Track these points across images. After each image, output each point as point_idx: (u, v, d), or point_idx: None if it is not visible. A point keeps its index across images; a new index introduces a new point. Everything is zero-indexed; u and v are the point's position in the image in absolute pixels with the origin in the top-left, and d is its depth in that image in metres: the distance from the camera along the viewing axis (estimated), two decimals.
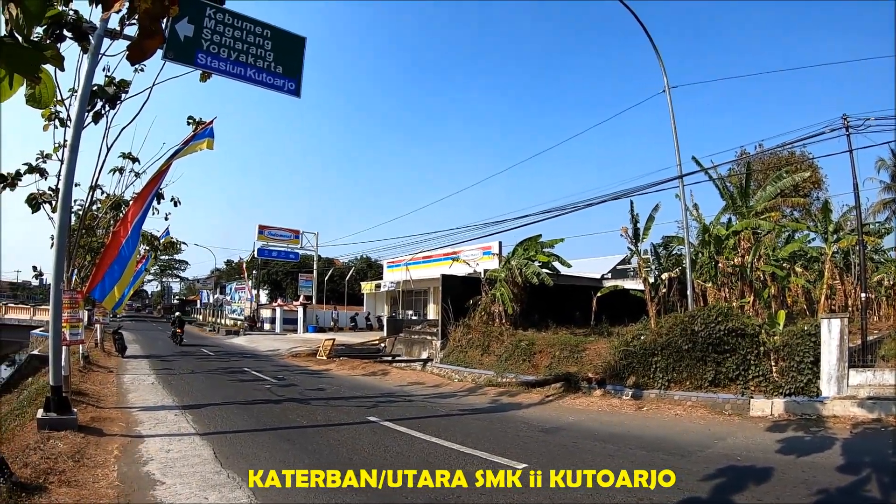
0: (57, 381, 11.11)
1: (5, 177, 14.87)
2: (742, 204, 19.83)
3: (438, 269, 36.20)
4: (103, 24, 11.61)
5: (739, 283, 18.11)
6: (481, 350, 21.71)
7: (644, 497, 7.01)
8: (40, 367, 23.82)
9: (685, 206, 19.47)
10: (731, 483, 7.59)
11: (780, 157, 36.03)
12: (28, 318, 57.42)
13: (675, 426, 11.64)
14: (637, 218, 20.19)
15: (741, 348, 13.54)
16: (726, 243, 18.85)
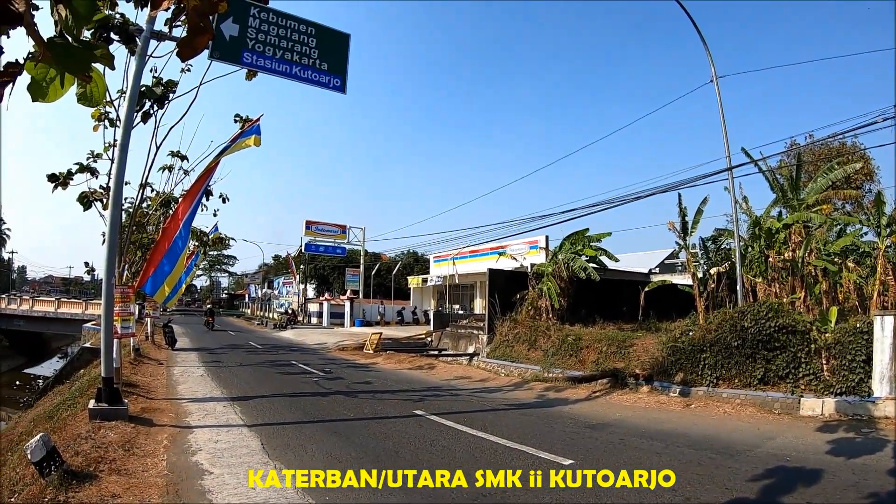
0: (108, 373, 11.34)
1: (57, 176, 15.18)
2: (793, 196, 19.43)
3: (485, 264, 36.18)
4: (149, 26, 11.85)
5: (790, 278, 17.78)
6: (528, 345, 21.65)
7: (692, 497, 6.97)
8: (92, 359, 24.24)
9: (735, 199, 19.17)
10: (780, 484, 7.48)
11: (831, 148, 35.24)
12: (80, 312, 58.46)
13: (723, 425, 11.46)
14: (685, 211, 19.97)
15: (791, 346, 13.30)
16: (777, 237, 18.50)
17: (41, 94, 2.26)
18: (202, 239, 28.69)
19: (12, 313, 60.21)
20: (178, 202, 19.52)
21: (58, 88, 2.27)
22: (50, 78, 2.22)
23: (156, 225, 23.45)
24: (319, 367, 22.24)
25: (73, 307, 61.55)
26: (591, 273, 23.14)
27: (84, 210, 15.85)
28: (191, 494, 7.27)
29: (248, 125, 16.51)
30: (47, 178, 15.31)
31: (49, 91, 2.26)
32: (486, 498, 7.00)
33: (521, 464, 8.42)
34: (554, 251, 26.47)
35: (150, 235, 23.17)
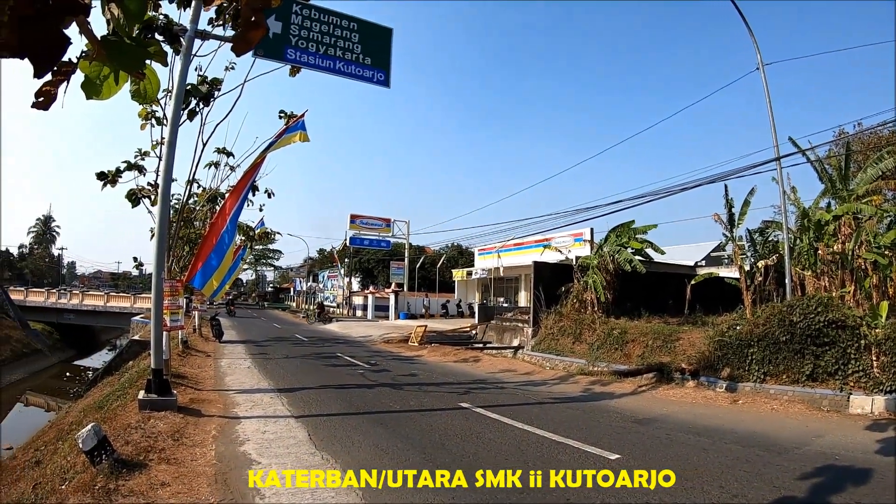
0: (158, 365, 11.57)
1: (106, 174, 15.47)
2: (842, 187, 19.02)
3: (530, 257, 36.08)
4: (193, 25, 12.02)
5: (839, 271, 17.44)
6: (573, 338, 21.53)
7: (739, 494, 6.90)
8: (140, 351, 24.69)
9: (783, 190, 18.81)
10: (828, 483, 7.37)
11: (881, 137, 34.37)
12: (129, 305, 59.63)
13: (771, 421, 11.31)
14: (731, 203, 19.69)
15: (841, 341, 13.04)
16: (826, 229, 18.16)
17: (95, 91, 2.30)
18: (248, 233, 29.06)
19: (63, 307, 61.45)
20: (224, 198, 19.78)
21: (112, 86, 2.30)
22: (103, 76, 2.26)
23: (203, 220, 23.81)
24: (365, 360, 22.40)
25: (121, 301, 62.73)
26: (637, 265, 22.94)
27: (132, 207, 16.17)
28: (238, 484, 7.39)
29: (292, 121, 16.67)
30: (96, 177, 15.67)
31: (103, 89, 2.30)
32: (533, 494, 7.00)
33: (567, 458, 8.42)
34: (599, 243, 26.24)
35: (197, 231, 23.56)
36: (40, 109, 2.23)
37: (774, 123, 18.88)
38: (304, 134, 16.33)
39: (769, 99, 18.97)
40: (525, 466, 7.95)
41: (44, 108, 2.21)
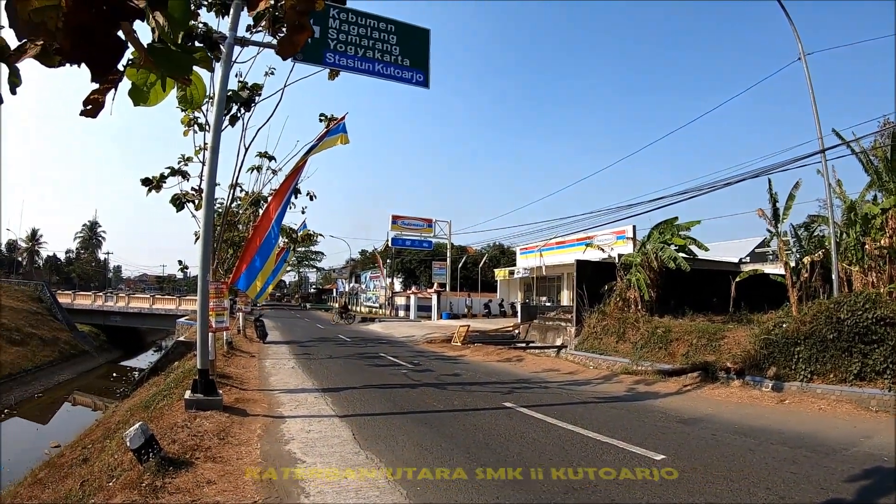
0: (204, 365, 11.74)
1: (151, 180, 15.72)
2: (889, 179, 18.61)
3: (572, 255, 36.04)
4: (232, 32, 12.24)
5: (888, 266, 17.13)
6: (616, 337, 21.39)
7: (786, 496, 6.82)
8: (185, 352, 24.99)
9: (828, 183, 18.45)
10: (877, 486, 7.25)
11: None
12: (174, 307, 60.57)
13: (818, 422, 11.12)
14: (776, 197, 19.36)
15: (890, 339, 12.76)
16: (873, 223, 17.83)
17: (142, 98, 2.33)
18: (291, 235, 29.33)
19: (109, 310, 62.67)
20: (266, 201, 19.97)
21: (159, 92, 2.34)
22: (150, 83, 2.29)
23: (246, 223, 24.04)
24: (408, 360, 22.42)
25: (166, 303, 63.77)
26: (681, 263, 22.67)
27: (177, 211, 16.42)
28: (284, 482, 7.44)
29: (333, 124, 16.79)
30: (142, 183, 15.94)
31: (150, 95, 2.33)
32: (577, 491, 6.98)
33: (611, 458, 8.38)
34: (642, 241, 25.99)
35: (240, 234, 23.77)
36: (88, 117, 2.27)
37: (818, 114, 18.59)
38: (345, 136, 16.48)
39: (812, 89, 18.68)
40: (570, 466, 7.94)
41: (92, 116, 2.25)
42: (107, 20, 1.57)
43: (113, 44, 1.63)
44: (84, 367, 43.89)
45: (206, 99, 14.69)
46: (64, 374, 39.96)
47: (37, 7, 1.55)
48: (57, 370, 39.87)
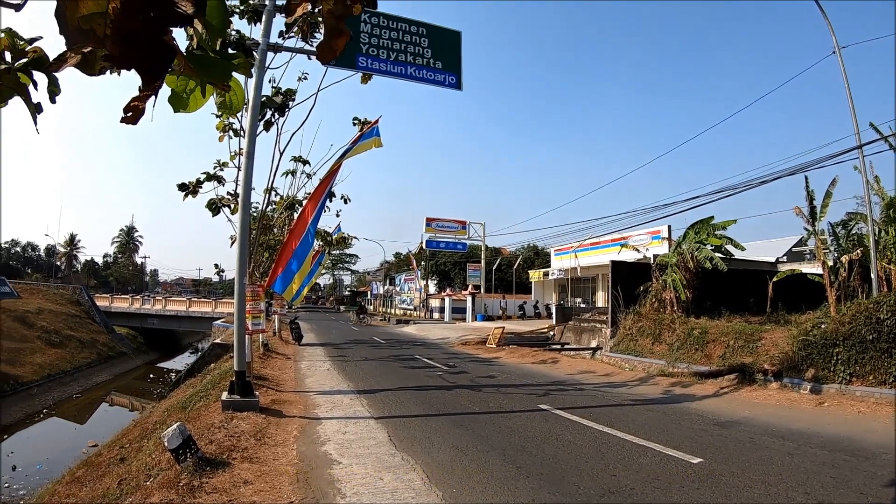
0: (241, 367, 11.87)
1: (187, 185, 15.92)
2: None
3: (607, 256, 35.91)
4: (265, 39, 12.40)
5: None
6: (652, 338, 21.26)
7: (825, 501, 6.73)
8: (222, 353, 25.24)
9: (866, 180, 18.19)
10: None
11: None
12: (210, 310, 61.28)
13: (857, 425, 10.91)
14: (812, 195, 19.05)
15: None
16: None
17: (182, 105, 2.37)
18: (327, 238, 29.54)
19: (147, 312, 63.61)
20: (301, 205, 20.14)
21: (198, 99, 2.37)
22: (189, 90, 2.32)
23: (281, 227, 24.24)
24: (443, 362, 22.46)
25: (203, 306, 64.51)
26: (718, 263, 22.42)
27: (213, 216, 16.62)
28: (320, 483, 7.50)
29: (366, 127, 16.93)
30: (178, 188, 16.17)
31: (189, 102, 2.37)
32: (614, 494, 6.95)
33: (648, 461, 8.34)
34: (678, 241, 25.76)
35: (276, 237, 23.98)
36: (129, 124, 2.30)
37: (854, 109, 18.34)
38: (379, 140, 16.60)
39: (847, 83, 18.43)
40: (606, 469, 7.92)
41: (132, 123, 2.28)
42: (154, 26, 1.60)
43: (162, 50, 1.66)
44: (121, 369, 44.45)
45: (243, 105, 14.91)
46: (101, 376, 40.48)
47: (85, 14, 1.57)
48: (95, 371, 40.40)
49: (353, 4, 2.11)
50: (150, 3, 1.57)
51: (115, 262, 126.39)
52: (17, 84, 2.26)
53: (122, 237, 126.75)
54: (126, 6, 1.55)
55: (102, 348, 45.30)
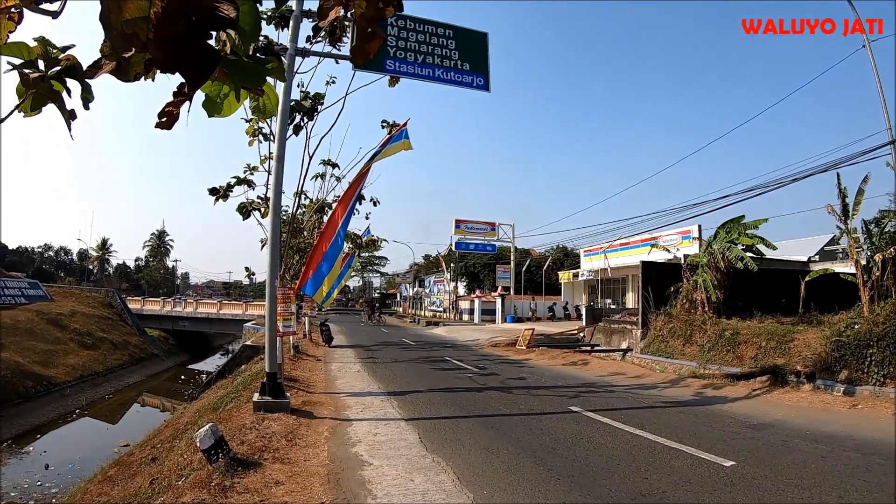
0: (272, 368, 11.97)
1: (218, 190, 16.09)
2: None
3: (636, 257, 35.80)
4: (293, 44, 12.55)
5: None
6: (683, 340, 21.11)
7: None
8: (252, 355, 25.39)
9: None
10: None
11: None
12: (240, 312, 61.54)
13: (891, 428, 10.67)
14: (845, 192, 18.73)
15: None
16: None
17: (216, 110, 2.39)
18: (356, 241, 29.70)
19: (178, 315, 64.12)
20: (330, 208, 20.26)
21: (232, 103, 2.39)
22: (223, 94, 2.34)
23: (310, 230, 24.38)
24: (473, 363, 22.46)
25: (233, 308, 64.90)
26: (749, 263, 22.15)
27: (243, 219, 16.84)
28: (351, 484, 7.53)
29: (395, 130, 17.02)
30: (209, 192, 16.38)
31: (224, 107, 2.39)
32: (645, 497, 6.92)
33: (680, 464, 8.29)
34: (708, 241, 25.50)
35: (305, 240, 24.11)
36: (163, 129, 2.33)
37: (885, 103, 18.11)
38: (408, 142, 16.65)
39: (878, 77, 18.22)
40: (637, 471, 7.89)
41: (167, 128, 2.31)
42: (197, 30, 1.61)
43: (206, 54, 1.67)
44: (153, 370, 44.82)
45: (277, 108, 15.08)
46: (133, 377, 40.84)
47: (128, 18, 1.59)
48: (127, 373, 40.77)
49: (384, 7, 2.12)
50: (192, 7, 1.58)
51: (146, 265, 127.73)
52: (51, 91, 2.30)
53: (154, 241, 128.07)
54: (167, 11, 1.56)
55: (134, 350, 45.73)
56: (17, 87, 2.28)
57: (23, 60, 2.26)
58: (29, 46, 2.25)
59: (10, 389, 28.52)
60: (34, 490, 17.15)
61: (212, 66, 1.71)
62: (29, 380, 30.61)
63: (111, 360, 40.85)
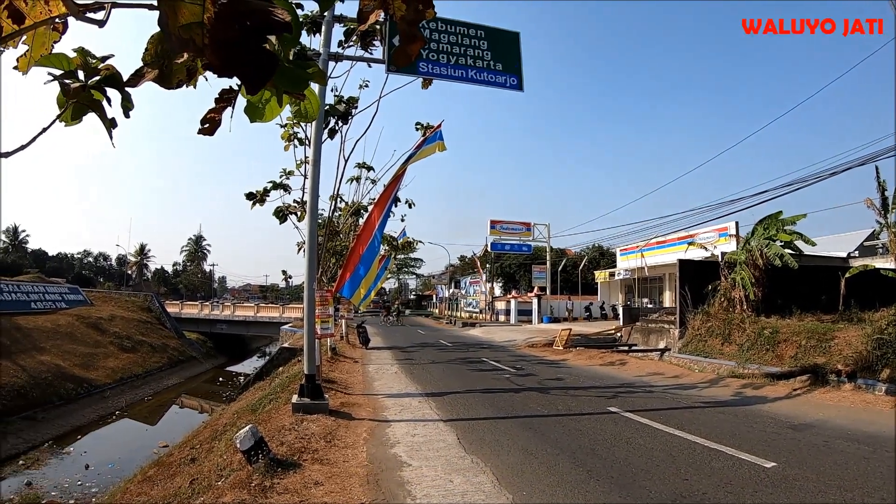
0: (311, 370, 12.11)
1: (254, 194, 16.28)
2: None
3: (673, 255, 35.52)
4: (326, 49, 12.72)
5: None
6: (721, 339, 20.92)
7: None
8: (290, 357, 25.66)
9: None
10: None
11: None
12: (277, 315, 62.06)
13: None
14: (884, 185, 18.39)
15: None
16: None
17: (258, 115, 2.41)
18: (392, 243, 29.86)
19: (216, 318, 64.85)
20: (366, 210, 20.39)
21: (274, 108, 2.41)
22: (265, 100, 2.37)
23: (346, 233, 24.53)
24: (510, 364, 22.42)
25: (270, 311, 65.57)
26: (788, 260, 21.81)
27: (280, 223, 17.05)
28: (390, 485, 7.57)
29: (429, 132, 17.06)
30: (246, 197, 16.58)
31: (265, 112, 2.41)
32: (686, 499, 6.89)
33: (720, 465, 8.23)
34: (746, 237, 25.16)
35: (342, 242, 24.25)
36: (206, 135, 2.36)
37: None
38: (442, 143, 16.69)
39: None
40: (677, 473, 7.85)
41: (209, 134, 2.34)
42: (252, 35, 1.63)
43: (263, 58, 1.69)
44: (191, 372, 45.39)
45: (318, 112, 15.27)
46: (172, 379, 41.37)
47: (183, 24, 1.62)
48: (165, 375, 41.33)
49: (425, 9, 2.13)
50: (246, 12, 1.60)
51: (184, 270, 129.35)
52: (92, 101, 2.33)
53: (191, 246, 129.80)
54: (220, 16, 1.58)
55: (173, 353, 46.31)
56: (58, 96, 2.31)
57: (63, 71, 2.30)
58: (68, 57, 2.29)
59: (52, 391, 29.12)
60: (74, 489, 17.42)
61: (270, 70, 1.73)
62: (70, 382, 31.20)
63: (150, 362, 41.44)
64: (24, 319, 36.38)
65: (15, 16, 1.97)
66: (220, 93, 2.36)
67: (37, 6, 1.97)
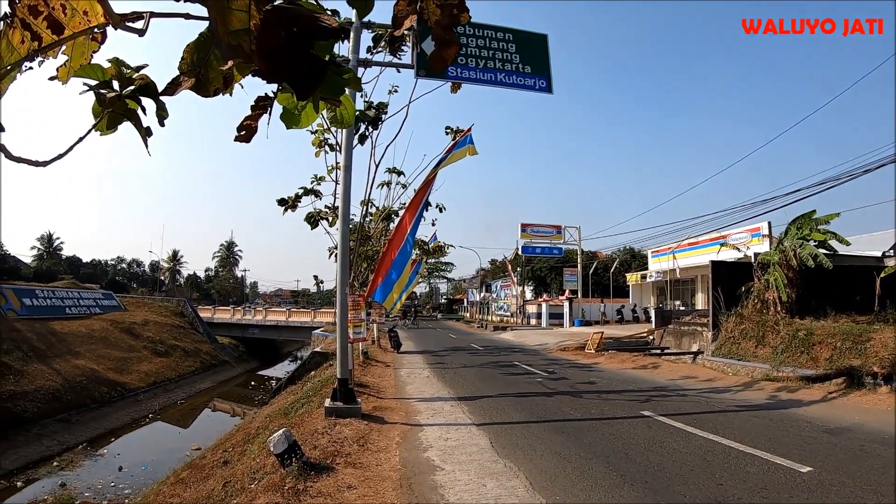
0: (343, 374, 12.19)
1: (286, 200, 16.41)
2: None
3: (705, 256, 35.34)
4: (355, 55, 12.82)
5: None
6: (755, 341, 20.69)
7: None
8: (321, 362, 25.77)
9: None
10: None
11: None
12: (309, 320, 62.49)
13: None
14: None
15: None
16: None
17: (294, 121, 2.44)
18: (424, 247, 29.97)
19: (248, 323, 65.48)
20: (397, 215, 20.49)
21: (310, 114, 2.43)
22: (301, 106, 2.39)
23: (378, 237, 24.65)
24: (542, 368, 22.35)
25: (302, 316, 65.95)
26: (822, 260, 21.47)
27: (311, 228, 17.18)
28: (423, 489, 7.58)
29: (459, 136, 17.09)
30: (277, 203, 16.83)
31: (301, 118, 2.44)
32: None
33: (755, 469, 8.16)
34: (779, 238, 24.92)
35: (373, 247, 24.37)
36: (242, 142, 2.39)
37: None
38: (473, 147, 16.74)
39: None
40: (712, 477, 7.79)
41: (245, 141, 2.37)
42: (299, 41, 1.65)
43: (312, 63, 1.71)
44: (223, 377, 45.79)
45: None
46: (205, 383, 41.75)
47: (232, 31, 1.64)
48: (198, 379, 41.70)
49: (459, 14, 2.14)
50: (292, 18, 1.62)
51: (216, 275, 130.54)
52: (127, 110, 2.36)
53: (223, 252, 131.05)
54: (266, 22, 1.60)
55: (206, 357, 46.71)
56: (94, 106, 2.34)
57: (98, 81, 2.32)
58: (103, 68, 2.31)
59: (86, 395, 29.55)
60: (107, 491, 17.65)
61: (320, 75, 1.74)
62: (104, 386, 31.61)
63: (183, 366, 41.85)
64: (59, 324, 36.83)
65: (54, 26, 1.99)
66: (256, 100, 2.38)
67: (76, 16, 1.99)
